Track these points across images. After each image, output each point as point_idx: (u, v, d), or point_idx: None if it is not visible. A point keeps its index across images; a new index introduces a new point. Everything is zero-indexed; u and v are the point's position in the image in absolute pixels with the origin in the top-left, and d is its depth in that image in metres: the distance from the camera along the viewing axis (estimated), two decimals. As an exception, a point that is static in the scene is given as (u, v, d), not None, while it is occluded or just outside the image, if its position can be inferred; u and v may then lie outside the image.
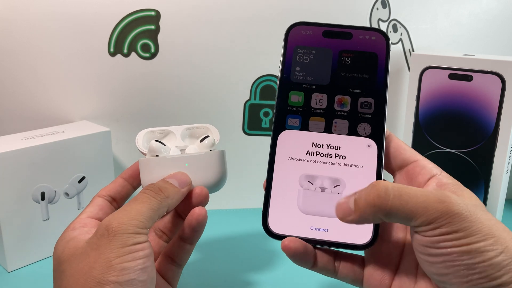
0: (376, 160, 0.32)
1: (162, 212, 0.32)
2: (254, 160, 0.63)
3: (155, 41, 0.57)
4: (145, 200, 0.32)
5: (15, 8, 0.54)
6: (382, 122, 0.32)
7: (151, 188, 0.33)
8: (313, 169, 0.32)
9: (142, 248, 0.29)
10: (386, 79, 0.33)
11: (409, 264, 0.30)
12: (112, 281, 0.27)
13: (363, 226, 0.30)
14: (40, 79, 0.56)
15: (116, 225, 0.29)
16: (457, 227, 0.26)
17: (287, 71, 0.34)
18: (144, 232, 0.30)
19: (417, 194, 0.26)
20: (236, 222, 0.61)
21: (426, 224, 0.26)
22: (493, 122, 0.51)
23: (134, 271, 0.28)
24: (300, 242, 0.30)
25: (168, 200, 0.33)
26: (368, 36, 0.33)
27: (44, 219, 0.50)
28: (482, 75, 0.51)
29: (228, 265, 0.50)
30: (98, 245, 0.29)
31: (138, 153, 0.39)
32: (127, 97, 0.58)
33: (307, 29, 0.34)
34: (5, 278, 0.48)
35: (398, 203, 0.26)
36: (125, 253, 0.28)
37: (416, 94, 0.55)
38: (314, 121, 0.33)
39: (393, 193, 0.26)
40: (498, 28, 0.64)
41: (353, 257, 0.32)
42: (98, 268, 0.28)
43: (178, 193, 0.34)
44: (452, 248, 0.26)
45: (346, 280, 0.32)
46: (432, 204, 0.26)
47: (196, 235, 0.35)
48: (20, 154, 0.47)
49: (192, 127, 0.40)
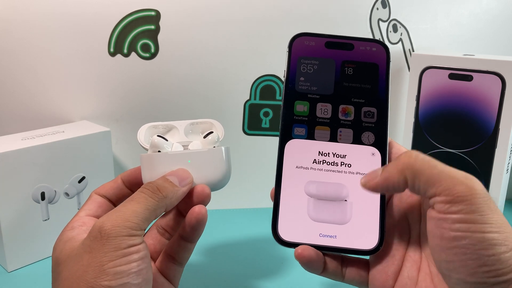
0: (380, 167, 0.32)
1: (159, 212, 0.32)
2: (254, 160, 0.63)
3: (155, 41, 0.57)
4: (141, 200, 0.31)
5: (15, 8, 0.54)
6: (385, 130, 0.33)
7: (149, 187, 0.32)
8: (320, 177, 0.33)
9: (137, 251, 0.29)
10: (387, 89, 0.34)
11: (411, 267, 0.31)
12: (104, 286, 0.27)
13: (369, 232, 0.31)
14: (40, 79, 0.56)
15: (109, 227, 0.29)
16: (476, 208, 0.26)
17: (292, 81, 0.34)
18: (138, 234, 0.29)
19: (446, 167, 0.28)
20: (236, 222, 0.60)
21: (447, 195, 0.26)
22: (493, 122, 0.51)
23: (128, 274, 0.28)
24: (313, 250, 0.31)
25: (166, 200, 0.32)
26: (369, 47, 0.34)
27: (44, 219, 0.50)
28: (482, 75, 0.51)
29: (227, 265, 0.50)
30: (92, 248, 0.29)
31: (138, 154, 0.39)
32: (127, 97, 0.58)
33: (310, 40, 0.35)
34: (5, 278, 0.48)
35: (426, 166, 0.27)
36: (118, 257, 0.28)
37: (416, 94, 0.55)
38: (319, 130, 0.33)
39: (423, 157, 0.28)
40: (498, 28, 0.64)
41: (358, 261, 0.33)
42: (91, 273, 0.28)
43: (177, 192, 0.33)
44: (466, 233, 0.26)
45: (352, 283, 0.33)
46: (459, 177, 0.27)
47: (196, 233, 0.34)
48: (20, 154, 0.47)
49: (196, 122, 0.39)
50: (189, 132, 0.39)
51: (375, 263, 0.32)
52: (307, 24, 0.59)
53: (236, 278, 0.48)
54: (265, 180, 0.64)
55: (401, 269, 0.31)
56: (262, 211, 0.63)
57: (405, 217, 0.32)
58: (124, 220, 0.29)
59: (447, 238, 0.26)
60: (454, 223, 0.26)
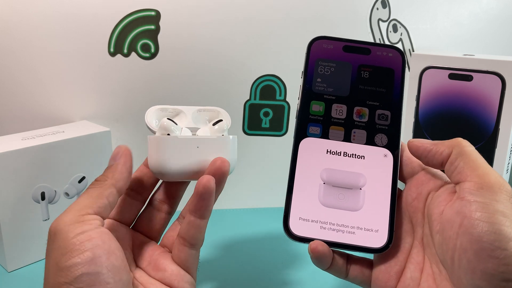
0: (392, 169, 0.33)
1: (110, 194, 0.31)
2: (254, 160, 0.63)
3: (155, 41, 0.57)
4: (84, 192, 0.31)
5: (15, 8, 0.54)
6: (398, 133, 0.34)
7: (92, 182, 0.32)
8: (334, 174, 0.33)
9: (88, 238, 0.27)
10: (402, 93, 0.35)
11: (414, 268, 0.31)
12: (61, 283, 0.26)
13: (379, 231, 0.32)
14: (40, 79, 0.56)
15: (55, 224, 0.28)
16: (501, 201, 0.27)
17: (309, 82, 0.35)
18: (86, 219, 0.28)
19: (487, 163, 0.30)
20: (236, 222, 0.60)
21: (478, 182, 0.28)
22: (493, 122, 0.51)
23: (83, 265, 0.26)
24: (326, 245, 0.31)
25: (108, 181, 0.31)
26: (386, 52, 0.35)
27: (44, 219, 0.50)
28: (482, 75, 0.51)
29: (227, 265, 0.50)
30: (48, 250, 0.28)
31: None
32: (127, 97, 0.58)
33: (328, 43, 0.35)
34: (5, 278, 0.48)
35: (473, 152, 0.30)
36: (68, 249, 0.27)
37: (416, 94, 0.55)
38: (334, 130, 0.34)
39: (472, 147, 0.31)
40: (498, 28, 0.64)
41: (362, 260, 0.34)
42: (51, 273, 0.27)
43: (114, 169, 0.32)
44: (486, 222, 0.26)
45: (355, 282, 0.33)
46: (494, 173, 0.29)
47: (204, 204, 0.33)
48: (20, 154, 0.47)
49: (203, 109, 0.39)
50: (196, 119, 0.38)
51: (379, 263, 0.32)
52: (307, 24, 0.59)
53: (236, 278, 0.48)
54: (265, 180, 0.64)
55: (404, 270, 0.32)
56: (262, 211, 0.63)
57: (409, 219, 0.33)
58: (66, 213, 0.29)
59: (466, 225, 0.27)
60: (476, 211, 0.27)
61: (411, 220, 0.33)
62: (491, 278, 0.26)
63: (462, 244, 0.27)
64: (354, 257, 0.34)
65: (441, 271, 0.30)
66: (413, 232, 0.33)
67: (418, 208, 0.32)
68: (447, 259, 0.29)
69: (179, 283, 0.33)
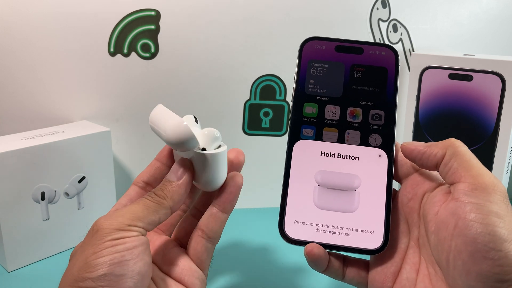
0: (387, 169, 0.33)
1: (163, 213, 0.31)
2: (254, 160, 0.63)
3: (155, 41, 0.57)
4: (140, 201, 0.31)
5: (15, 8, 0.54)
6: (392, 133, 0.34)
7: (151, 193, 0.32)
8: (328, 176, 0.33)
9: (123, 242, 0.28)
10: (396, 93, 0.34)
11: (410, 268, 0.31)
12: (85, 278, 0.27)
13: (375, 232, 0.32)
14: (40, 79, 0.56)
15: (102, 222, 0.29)
16: (494, 202, 0.27)
17: (302, 84, 0.35)
18: (129, 229, 0.29)
19: (481, 163, 0.30)
20: (235, 222, 0.60)
21: (472, 183, 0.28)
22: (493, 122, 0.51)
23: (109, 265, 0.27)
24: (321, 248, 0.31)
25: (167, 200, 0.31)
26: (379, 51, 0.35)
27: (44, 219, 0.50)
28: (482, 75, 0.51)
29: (227, 265, 0.50)
30: (84, 243, 0.29)
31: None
32: (127, 97, 0.58)
33: (321, 44, 0.35)
34: (5, 278, 0.48)
35: (467, 153, 0.30)
36: (102, 248, 0.28)
37: (416, 94, 0.55)
38: (327, 131, 0.34)
39: (466, 147, 0.30)
40: (498, 28, 0.64)
41: (359, 261, 0.34)
42: (78, 265, 0.28)
43: (177, 190, 0.32)
44: (480, 224, 0.26)
45: (352, 283, 0.33)
46: (487, 173, 0.29)
47: (231, 198, 0.33)
48: (20, 154, 0.47)
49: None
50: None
51: (375, 264, 0.32)
52: (307, 24, 0.59)
53: (235, 278, 0.48)
54: (265, 180, 0.64)
55: (400, 271, 0.32)
56: (262, 211, 0.63)
57: (405, 220, 0.33)
58: (117, 216, 0.29)
59: (460, 226, 0.27)
60: (471, 212, 0.27)
61: (407, 221, 0.33)
62: (486, 279, 0.26)
63: (457, 245, 0.27)
64: (350, 258, 0.33)
65: (436, 271, 0.30)
66: (409, 232, 0.32)
67: (413, 208, 0.32)
68: (442, 260, 0.29)
69: (189, 278, 0.33)
